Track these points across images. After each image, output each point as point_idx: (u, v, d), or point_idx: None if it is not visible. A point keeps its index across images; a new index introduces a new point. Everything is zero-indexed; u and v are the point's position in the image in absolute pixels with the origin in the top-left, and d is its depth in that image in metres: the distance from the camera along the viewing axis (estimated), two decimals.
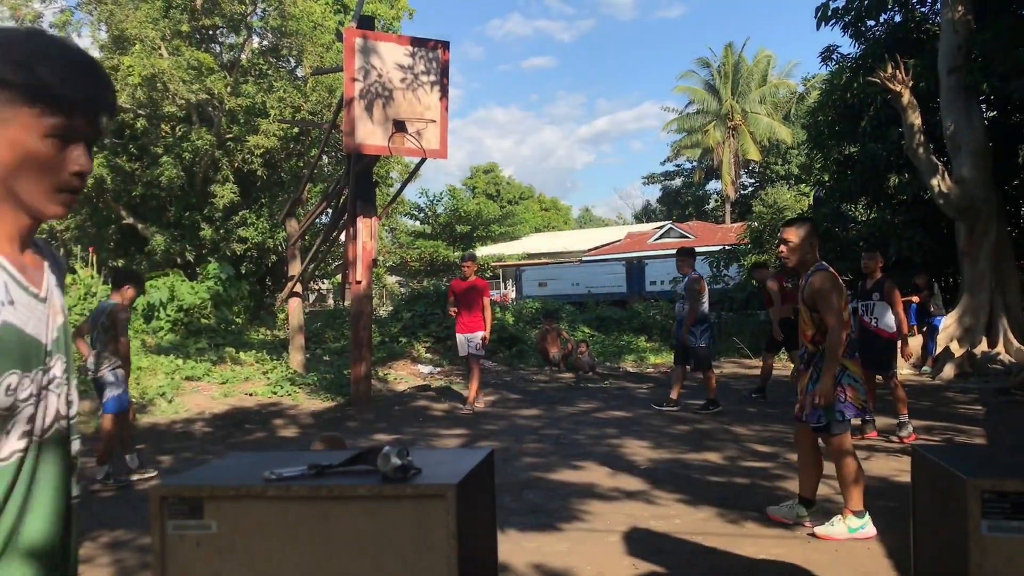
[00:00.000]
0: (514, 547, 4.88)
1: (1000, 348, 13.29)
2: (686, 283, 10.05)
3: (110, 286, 8.56)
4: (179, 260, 23.93)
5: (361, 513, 1.33)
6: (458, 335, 10.74)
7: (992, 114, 15.47)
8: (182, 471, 7.54)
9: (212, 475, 1.46)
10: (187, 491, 1.38)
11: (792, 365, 11.31)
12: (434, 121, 11.06)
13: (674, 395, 10.29)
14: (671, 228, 42.10)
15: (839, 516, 4.96)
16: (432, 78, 11.08)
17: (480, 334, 10.53)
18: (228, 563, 1.36)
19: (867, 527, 4.85)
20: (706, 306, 10.10)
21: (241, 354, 14.07)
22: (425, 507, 1.31)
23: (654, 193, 73.35)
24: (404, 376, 13.92)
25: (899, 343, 8.22)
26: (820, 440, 5.09)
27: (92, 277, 17.17)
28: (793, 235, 4.98)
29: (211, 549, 1.38)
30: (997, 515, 1.46)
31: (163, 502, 1.38)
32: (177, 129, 23.72)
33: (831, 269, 4.97)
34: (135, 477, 7.27)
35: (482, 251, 36.84)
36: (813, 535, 4.95)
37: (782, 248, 5.06)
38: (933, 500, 1.76)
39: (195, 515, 1.37)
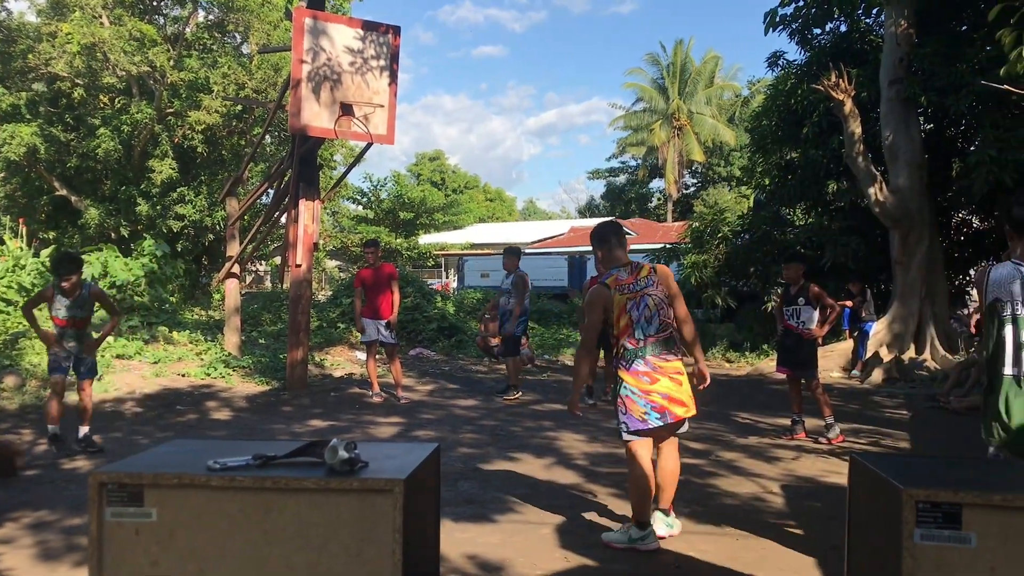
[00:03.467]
0: (448, 537, 4.86)
1: (927, 355, 13.71)
2: (512, 279, 11.00)
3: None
4: (113, 235, 23.33)
5: (306, 505, 1.30)
6: (365, 319, 10.38)
7: (929, 127, 15.87)
8: (110, 452, 7.39)
9: (153, 462, 1.41)
10: (127, 478, 1.33)
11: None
12: (382, 106, 10.99)
13: (514, 381, 11.16)
14: None
15: (623, 525, 4.90)
16: (382, 63, 10.99)
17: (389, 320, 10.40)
18: (167, 552, 1.32)
19: (649, 539, 4.71)
20: (528, 300, 11.14)
21: (175, 334, 13.80)
22: (372, 501, 1.29)
23: (598, 188, 73.87)
24: (341, 362, 13.82)
25: (819, 337, 8.37)
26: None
27: (21, 249, 16.63)
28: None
29: (150, 537, 1.33)
30: (930, 524, 1.51)
31: (102, 488, 1.34)
32: (116, 101, 23.13)
33: (604, 283, 4.79)
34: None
35: (425, 239, 36.62)
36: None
37: None
38: (869, 507, 1.81)
39: (135, 502, 1.32)
